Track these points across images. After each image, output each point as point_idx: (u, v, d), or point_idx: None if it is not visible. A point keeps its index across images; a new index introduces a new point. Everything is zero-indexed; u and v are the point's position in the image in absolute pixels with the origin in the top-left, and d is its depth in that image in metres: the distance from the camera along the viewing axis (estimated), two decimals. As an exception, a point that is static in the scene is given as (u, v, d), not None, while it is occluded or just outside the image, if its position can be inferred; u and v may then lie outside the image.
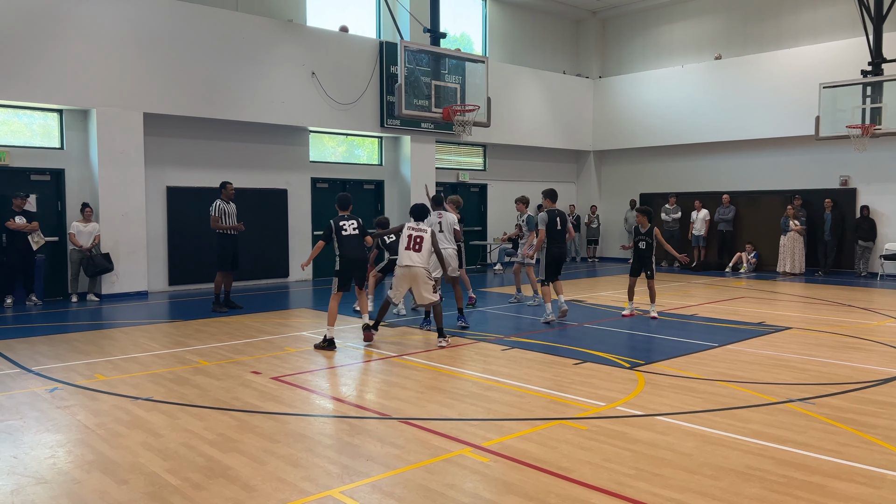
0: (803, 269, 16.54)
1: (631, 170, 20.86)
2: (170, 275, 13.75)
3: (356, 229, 8.34)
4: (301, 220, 15.51)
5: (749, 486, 4.09)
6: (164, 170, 13.60)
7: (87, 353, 7.88)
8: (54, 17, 11.76)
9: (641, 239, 10.25)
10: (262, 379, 6.70)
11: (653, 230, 10.21)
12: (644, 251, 10.23)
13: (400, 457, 4.58)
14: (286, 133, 15.26)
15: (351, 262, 8.26)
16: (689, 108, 18.71)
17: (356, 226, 8.36)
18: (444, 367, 7.21)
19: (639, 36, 20.70)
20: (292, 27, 14.69)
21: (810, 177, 17.17)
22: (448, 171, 18.39)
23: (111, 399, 6.00)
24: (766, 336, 8.89)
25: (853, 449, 4.71)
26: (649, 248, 10.20)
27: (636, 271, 10.33)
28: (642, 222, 10.27)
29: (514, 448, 4.73)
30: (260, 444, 4.82)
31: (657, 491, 4.01)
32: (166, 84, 12.96)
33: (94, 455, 4.63)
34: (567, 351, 7.97)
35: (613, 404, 5.80)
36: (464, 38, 19.07)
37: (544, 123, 19.80)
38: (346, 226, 8.30)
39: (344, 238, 8.24)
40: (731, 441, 4.86)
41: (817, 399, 5.93)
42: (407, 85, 11.09)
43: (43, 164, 12.40)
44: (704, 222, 18.20)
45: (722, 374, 6.82)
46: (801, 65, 16.68)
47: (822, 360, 7.46)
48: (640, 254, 10.27)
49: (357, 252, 8.33)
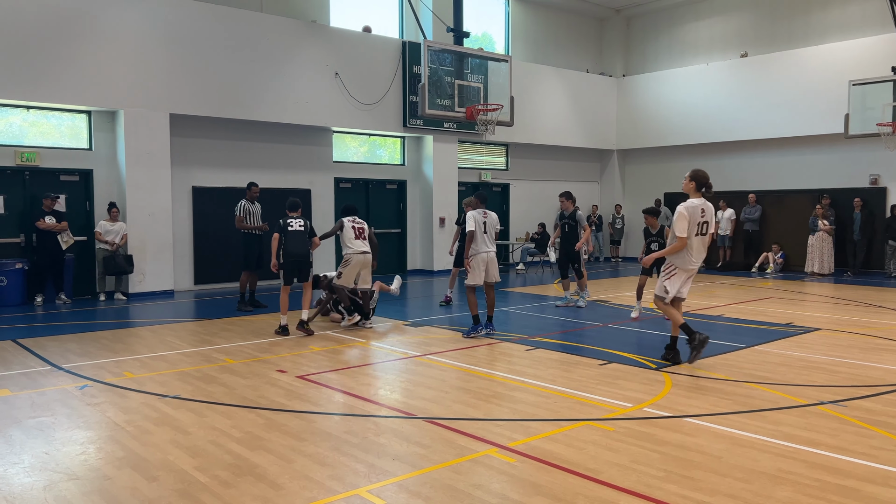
0: (832, 270, 16.28)
1: (655, 169, 20.68)
2: (195, 274, 13.89)
3: (301, 226, 9.07)
4: (324, 220, 15.56)
5: (781, 489, 4.03)
6: (189, 170, 13.74)
7: (115, 351, 7.98)
8: (82, 21, 11.93)
9: (653, 241, 10.06)
10: (287, 377, 6.73)
11: (664, 230, 9.91)
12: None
13: (426, 456, 4.58)
14: (309, 133, 15.34)
15: (292, 256, 8.96)
16: (715, 106, 18.51)
17: (302, 223, 9.10)
18: (468, 366, 7.19)
19: (663, 34, 20.52)
20: (316, 28, 14.76)
21: (839, 176, 16.89)
22: (470, 170, 18.36)
23: (140, 397, 6.07)
24: (795, 337, 8.75)
25: (887, 452, 4.62)
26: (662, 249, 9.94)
27: (648, 270, 10.01)
28: (652, 224, 10.09)
29: (541, 449, 4.70)
30: (287, 443, 4.85)
31: (687, 493, 3.97)
32: (192, 85, 13.09)
33: (125, 452, 4.68)
34: (592, 351, 7.92)
35: (640, 405, 5.74)
36: (486, 37, 19.04)
37: (567, 122, 19.71)
38: (293, 223, 9.07)
39: (289, 234, 9.00)
40: (762, 443, 4.79)
41: (849, 401, 5.82)
42: (430, 85, 11.09)
43: (72, 165, 12.59)
44: (729, 222, 17.98)
45: (750, 376, 6.73)
46: (829, 62, 16.42)
47: (852, 362, 7.33)
48: None
49: (299, 248, 9.00)
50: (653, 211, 10.10)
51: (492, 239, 8.86)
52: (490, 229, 8.82)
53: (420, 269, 17.16)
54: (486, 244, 8.74)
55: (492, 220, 8.88)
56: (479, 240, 8.70)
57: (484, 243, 8.73)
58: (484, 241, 8.73)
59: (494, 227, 8.92)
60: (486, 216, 8.83)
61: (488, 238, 8.80)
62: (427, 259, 17.03)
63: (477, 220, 8.70)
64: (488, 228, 8.80)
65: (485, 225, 8.76)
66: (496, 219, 9.03)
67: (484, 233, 8.75)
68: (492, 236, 8.86)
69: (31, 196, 12.10)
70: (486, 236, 8.77)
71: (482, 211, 8.85)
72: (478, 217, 8.74)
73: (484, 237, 8.75)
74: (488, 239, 8.80)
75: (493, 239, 8.89)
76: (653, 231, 10.04)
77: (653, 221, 10.02)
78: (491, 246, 8.82)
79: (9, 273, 11.48)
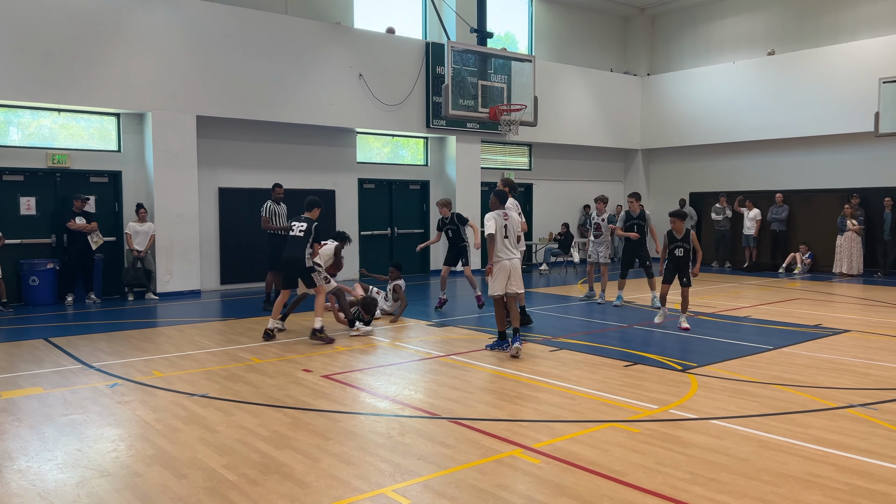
0: (861, 271, 16.01)
1: (680, 168, 20.50)
2: (221, 274, 14.05)
3: (301, 231, 8.58)
4: (348, 221, 15.66)
5: (810, 493, 3.99)
6: (216, 171, 13.90)
7: (144, 350, 8.11)
8: (112, 26, 12.13)
9: (678, 246, 9.29)
10: (313, 377, 6.79)
11: (689, 235, 9.30)
12: (681, 258, 9.28)
13: (451, 457, 4.59)
14: (333, 134, 15.44)
15: (284, 260, 8.70)
16: (741, 105, 18.29)
17: (304, 227, 8.59)
18: (492, 367, 7.20)
19: (689, 32, 20.32)
20: (340, 29, 14.85)
21: (869, 174, 16.60)
22: (493, 170, 18.34)
23: (168, 395, 6.16)
24: (823, 339, 8.63)
25: (920, 457, 4.55)
26: (687, 255, 9.27)
27: (670, 278, 9.36)
28: (678, 228, 9.31)
29: (566, 450, 4.69)
30: (313, 442, 4.89)
31: (714, 496, 3.94)
32: (218, 87, 13.24)
33: (154, 449, 4.76)
34: (616, 352, 7.88)
35: (666, 407, 5.71)
36: (508, 37, 19.00)
37: (591, 122, 19.60)
38: (296, 226, 8.66)
39: (290, 237, 8.70)
40: (791, 447, 4.74)
41: (880, 404, 5.74)
42: (453, 85, 11.13)
43: (101, 167, 12.80)
44: (755, 222, 17.76)
45: (778, 378, 6.65)
46: (859, 59, 16.14)
47: (883, 364, 7.21)
48: (677, 261, 9.31)
49: (291, 252, 8.59)
50: (680, 214, 9.43)
51: (514, 244, 7.83)
52: (512, 233, 7.82)
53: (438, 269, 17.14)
54: (507, 250, 7.75)
55: (513, 223, 7.88)
56: (499, 245, 7.75)
57: (505, 249, 7.75)
58: (505, 246, 7.75)
59: (516, 230, 7.92)
60: (508, 218, 7.82)
61: (510, 243, 7.79)
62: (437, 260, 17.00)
63: (497, 223, 7.73)
64: (509, 232, 7.80)
65: (505, 228, 7.77)
66: (518, 220, 8.09)
67: (505, 237, 7.76)
68: (514, 241, 7.85)
69: (61, 197, 12.32)
70: (506, 241, 7.77)
71: (501, 212, 7.85)
72: (497, 219, 7.75)
73: (505, 242, 7.76)
74: (510, 244, 7.79)
75: (515, 244, 7.86)
76: (678, 236, 9.29)
77: (679, 225, 9.31)
78: (514, 252, 7.81)
79: (40, 273, 11.71)
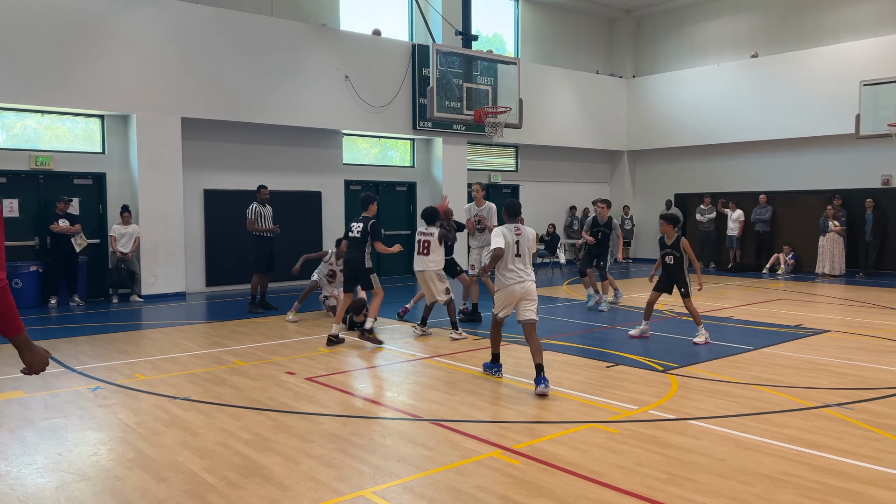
0: (843, 271, 16.19)
1: (665, 170, 20.64)
2: (207, 276, 14.02)
3: (358, 232, 8.53)
4: (335, 222, 15.67)
5: (783, 492, 4.05)
6: (201, 173, 13.87)
7: (127, 353, 8.09)
8: (96, 27, 12.08)
9: (668, 252, 8.58)
10: (296, 379, 6.81)
11: (680, 241, 8.52)
12: (672, 266, 8.57)
13: (431, 458, 4.63)
14: (320, 136, 15.44)
15: (345, 261, 8.74)
16: (725, 107, 18.45)
17: (360, 228, 8.53)
18: (475, 368, 7.24)
19: (673, 34, 20.48)
20: (326, 31, 14.86)
21: (850, 176, 16.80)
22: (480, 172, 18.40)
23: (150, 398, 6.16)
24: (804, 339, 8.74)
25: (891, 455, 4.62)
26: (678, 263, 8.54)
27: (661, 287, 8.71)
28: (667, 232, 8.59)
29: (545, 451, 4.74)
30: (294, 444, 4.91)
31: (689, 496, 3.99)
32: (203, 89, 13.22)
33: (135, 453, 4.77)
34: (599, 353, 7.94)
35: (646, 408, 5.77)
36: (496, 38, 19.08)
37: (577, 124, 19.70)
38: (354, 227, 8.64)
39: (349, 238, 8.72)
40: (766, 446, 4.81)
41: (855, 404, 5.82)
42: (439, 87, 11.16)
43: (85, 169, 12.75)
44: (738, 223, 17.92)
45: (757, 378, 6.74)
46: (841, 62, 16.33)
47: (861, 365, 7.31)
48: (668, 269, 8.62)
49: (350, 253, 8.58)
50: (668, 217, 8.70)
51: (527, 262, 6.55)
52: (525, 251, 6.54)
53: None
54: (518, 269, 6.45)
55: (527, 239, 6.57)
56: (509, 264, 6.44)
57: (515, 268, 6.44)
58: (515, 265, 6.45)
59: (530, 247, 6.61)
60: (520, 233, 6.53)
61: (522, 262, 6.49)
62: (437, 261, 17.06)
63: (507, 239, 6.46)
64: (522, 249, 6.50)
65: (517, 245, 6.48)
66: (533, 235, 6.71)
67: (517, 255, 6.47)
68: (528, 260, 6.57)
69: (45, 199, 12.26)
70: (518, 260, 6.47)
71: (514, 226, 6.57)
72: (508, 235, 6.48)
73: (516, 261, 6.47)
74: (521, 263, 6.48)
75: (529, 262, 6.59)
76: (667, 241, 8.58)
77: (667, 229, 8.56)
78: (530, 274, 6.52)
79: (23, 275, 11.64)
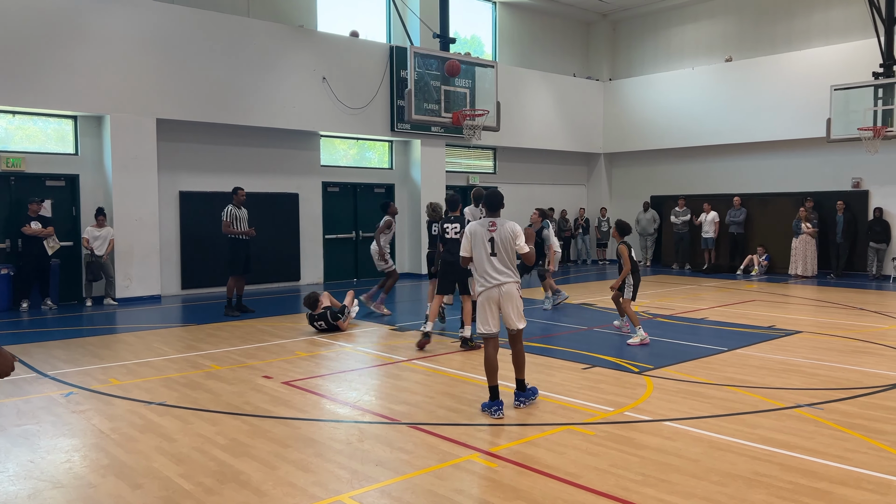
0: (815, 272, 16.46)
1: (641, 172, 20.83)
2: (182, 279, 13.88)
3: (456, 233, 8.49)
4: (312, 224, 15.61)
5: (755, 492, 4.12)
6: (176, 175, 13.74)
7: (101, 358, 7.99)
8: (69, 26, 11.92)
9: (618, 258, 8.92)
10: (273, 383, 6.77)
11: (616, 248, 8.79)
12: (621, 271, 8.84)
13: (409, 462, 4.64)
14: (297, 138, 15.37)
15: (446, 262, 8.56)
16: (700, 110, 18.67)
17: (457, 229, 8.53)
18: (453, 371, 7.26)
19: (649, 38, 20.68)
20: (303, 33, 14.80)
21: (822, 179, 17.09)
22: (458, 174, 18.44)
23: (125, 404, 6.09)
24: (776, 340, 8.87)
25: (861, 455, 4.72)
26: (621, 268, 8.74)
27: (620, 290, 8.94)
28: (616, 238, 8.88)
29: (522, 453, 4.77)
30: (271, 449, 4.89)
31: (663, 497, 4.05)
32: (179, 90, 13.10)
33: (109, 459, 4.72)
34: (575, 355, 8.00)
35: (621, 409, 5.82)
36: (474, 40, 19.12)
37: (554, 126, 19.82)
38: (448, 228, 8.64)
39: (447, 241, 8.60)
40: (739, 447, 4.88)
41: (826, 404, 5.93)
42: (417, 90, 11.15)
43: (58, 170, 12.57)
44: (713, 224, 18.14)
45: (731, 379, 6.83)
46: (812, 66, 16.60)
47: (831, 365, 7.45)
48: None
49: (453, 255, 8.20)
50: (618, 226, 8.82)
51: (507, 262, 5.69)
52: (502, 248, 5.65)
53: (408, 272, 17.21)
54: (496, 273, 5.66)
55: (505, 235, 5.68)
56: (481, 265, 5.69)
57: (492, 271, 5.66)
58: (493, 268, 5.65)
59: (508, 243, 5.67)
60: (495, 228, 5.70)
61: (499, 262, 5.66)
62: (415, 262, 17.07)
63: (476, 235, 5.72)
64: (498, 247, 5.66)
65: (491, 243, 5.66)
66: (514, 232, 5.73)
67: (491, 254, 5.64)
68: (506, 258, 5.67)
69: (16, 201, 12.06)
70: (494, 259, 5.66)
71: (488, 221, 5.77)
72: (478, 230, 5.74)
73: (491, 261, 5.65)
74: (499, 263, 5.66)
75: (508, 262, 5.70)
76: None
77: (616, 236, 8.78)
78: (508, 274, 5.69)
79: (-6, 279, 11.45)
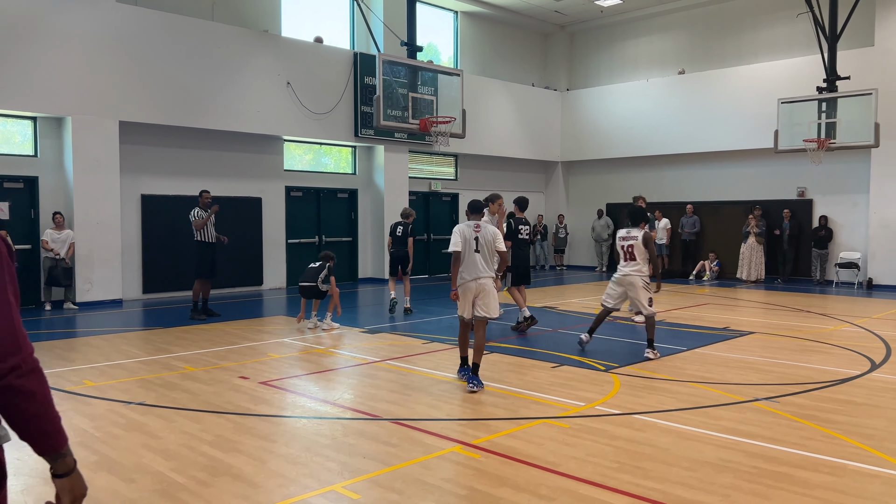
0: (762, 277, 17.18)
1: (598, 180, 21.38)
2: (144, 283, 13.73)
3: (528, 234, 10.19)
4: (275, 229, 15.61)
5: (722, 476, 4.42)
6: (139, 178, 13.59)
7: (71, 361, 7.92)
8: (28, 25, 11.73)
9: None
10: (250, 384, 6.85)
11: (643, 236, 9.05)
12: None
13: (395, 454, 4.81)
14: (261, 142, 15.36)
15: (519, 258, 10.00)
16: (654, 120, 19.29)
17: (528, 230, 10.19)
18: (425, 370, 7.44)
19: (605, 50, 21.27)
20: (267, 37, 14.83)
21: (769, 188, 17.85)
22: (421, 180, 18.64)
23: (104, 404, 6.10)
24: (732, 340, 9.31)
25: (816, 442, 5.08)
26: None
27: None
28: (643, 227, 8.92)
29: (503, 445, 4.99)
30: (258, 444, 5.00)
31: (639, 482, 4.31)
32: (142, 92, 12.99)
33: (98, 456, 4.76)
34: (543, 355, 8.27)
35: (592, 404, 6.10)
36: (430, 48, 19.33)
37: (514, 134, 20.21)
38: (523, 230, 10.05)
39: (519, 241, 10.00)
40: (705, 436, 5.19)
41: (782, 398, 6.32)
42: (384, 97, 11.32)
43: (16, 172, 12.32)
44: (665, 231, 18.74)
45: (692, 376, 7.19)
46: (760, 80, 17.35)
47: (784, 362, 7.88)
48: None
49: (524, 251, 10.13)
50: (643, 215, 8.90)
51: (488, 260, 6.81)
52: (486, 247, 6.79)
53: (371, 277, 17.33)
54: (477, 267, 6.74)
55: (487, 236, 6.81)
56: (467, 261, 6.77)
57: (474, 266, 6.75)
58: (475, 263, 6.75)
59: (490, 244, 6.81)
60: (479, 230, 6.81)
61: (481, 259, 6.77)
62: (378, 268, 17.19)
63: (465, 236, 6.79)
64: (482, 246, 6.78)
65: (476, 241, 6.78)
66: (494, 234, 6.88)
67: (476, 251, 6.77)
68: (487, 257, 6.80)
69: (-28, 203, 11.80)
70: (478, 256, 6.76)
71: (473, 223, 6.88)
72: (466, 232, 6.81)
73: (476, 258, 6.76)
74: (482, 260, 6.76)
75: (489, 261, 6.81)
76: None
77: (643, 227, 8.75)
78: (486, 270, 6.77)
79: (-51, 282, 11.14)
